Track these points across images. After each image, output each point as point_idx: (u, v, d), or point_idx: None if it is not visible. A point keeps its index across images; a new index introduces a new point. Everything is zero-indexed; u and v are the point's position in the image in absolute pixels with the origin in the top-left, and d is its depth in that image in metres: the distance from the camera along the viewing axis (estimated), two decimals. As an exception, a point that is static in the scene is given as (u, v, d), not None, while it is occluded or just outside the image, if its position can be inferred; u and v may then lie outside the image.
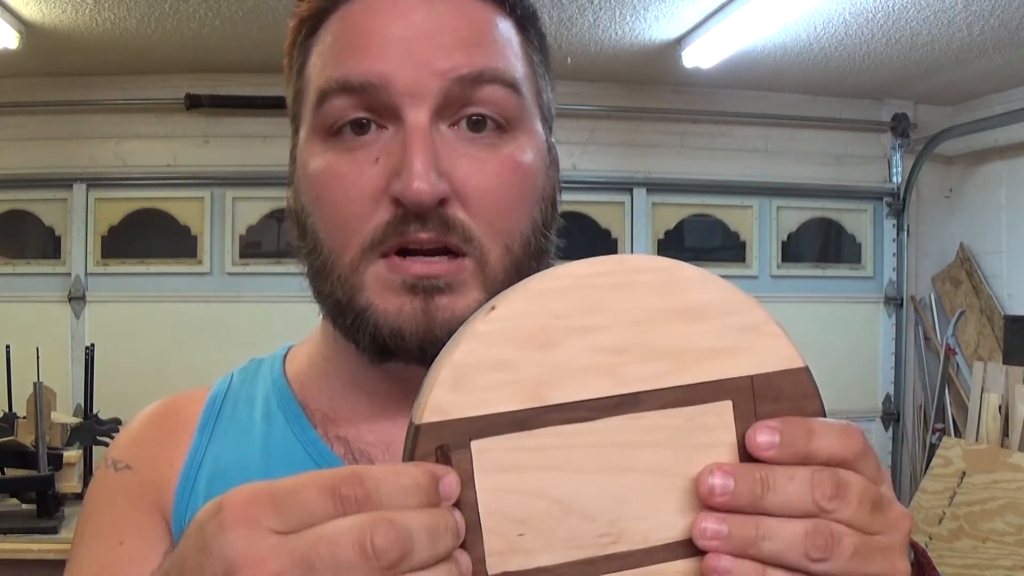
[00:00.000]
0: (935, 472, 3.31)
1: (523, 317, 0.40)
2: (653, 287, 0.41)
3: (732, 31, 3.01)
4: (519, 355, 0.40)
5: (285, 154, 0.66)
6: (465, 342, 0.40)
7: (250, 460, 0.64)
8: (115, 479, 0.67)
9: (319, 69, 0.59)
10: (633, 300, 0.41)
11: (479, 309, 0.42)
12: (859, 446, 0.41)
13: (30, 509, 2.56)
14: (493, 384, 0.40)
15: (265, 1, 2.88)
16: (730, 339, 0.42)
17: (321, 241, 0.59)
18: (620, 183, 3.83)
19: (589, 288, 0.41)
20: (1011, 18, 2.91)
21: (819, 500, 0.39)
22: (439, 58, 0.56)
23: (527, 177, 0.59)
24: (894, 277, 4.12)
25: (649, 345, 0.41)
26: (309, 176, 0.59)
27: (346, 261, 0.57)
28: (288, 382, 0.69)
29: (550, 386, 0.40)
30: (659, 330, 0.41)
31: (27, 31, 3.02)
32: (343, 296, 0.58)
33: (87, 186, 3.68)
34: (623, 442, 0.40)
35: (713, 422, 0.41)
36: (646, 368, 0.41)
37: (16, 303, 3.65)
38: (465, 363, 0.40)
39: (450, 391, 0.40)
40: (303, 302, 0.66)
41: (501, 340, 0.40)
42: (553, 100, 0.66)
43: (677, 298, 0.41)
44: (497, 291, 0.55)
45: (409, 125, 0.55)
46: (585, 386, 0.40)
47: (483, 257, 0.57)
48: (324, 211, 0.58)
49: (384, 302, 0.56)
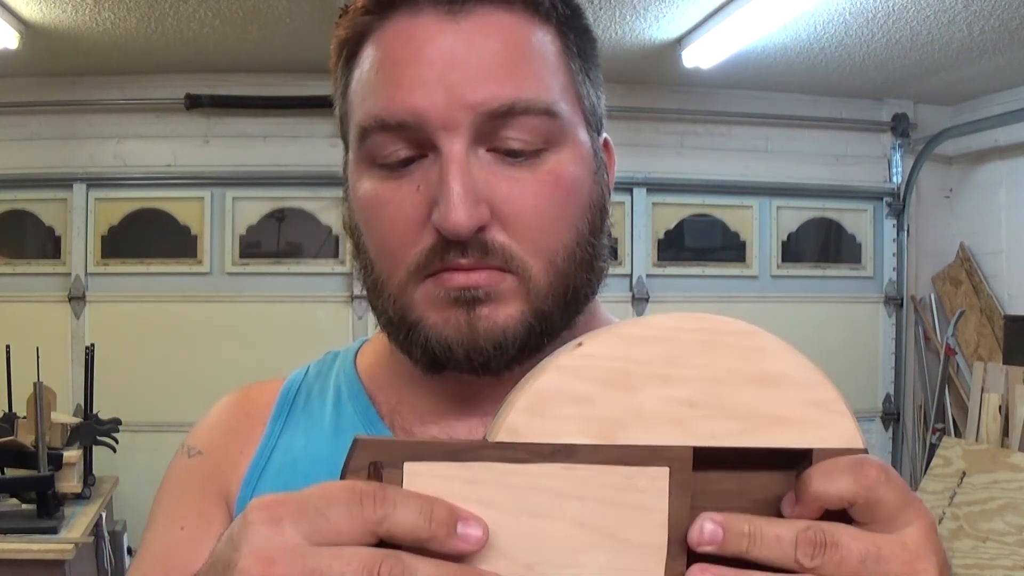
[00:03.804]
0: (935, 472, 3.31)
1: (608, 358, 0.42)
2: (735, 349, 0.42)
3: (732, 31, 3.01)
4: (599, 392, 0.41)
5: (285, 154, 0.67)
6: (549, 372, 0.41)
7: (320, 450, 0.67)
8: (187, 464, 0.70)
9: (359, 99, 0.60)
10: (714, 358, 0.42)
11: (567, 344, 0.43)
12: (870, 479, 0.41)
13: (30, 509, 2.56)
14: (570, 415, 0.41)
15: (265, 1, 2.88)
16: (800, 411, 0.42)
17: (372, 262, 0.61)
18: (620, 183, 3.79)
19: (674, 341, 0.42)
20: (1011, 18, 2.91)
21: (800, 558, 0.40)
22: (470, 90, 0.56)
23: (570, 191, 0.59)
24: (894, 277, 4.12)
25: (722, 404, 0.42)
26: (359, 199, 0.61)
27: (395, 282, 0.59)
28: (359, 375, 0.71)
29: (622, 426, 0.41)
30: (734, 391, 0.42)
31: (27, 31, 3.02)
32: (395, 315, 0.60)
33: (87, 186, 3.68)
34: (554, 489, 0.41)
35: (647, 486, 0.41)
36: (716, 425, 0.42)
37: (16, 303, 3.65)
38: (546, 391, 0.41)
39: (527, 415, 0.41)
40: (303, 302, 0.66)
41: (584, 375, 0.41)
42: (601, 98, 0.66)
43: (756, 363, 0.42)
44: (542, 304, 0.58)
45: (445, 155, 0.56)
46: (655, 432, 0.41)
47: (525, 274, 0.58)
48: (372, 235, 0.61)
49: (433, 315, 0.58)
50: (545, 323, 0.59)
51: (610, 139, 0.67)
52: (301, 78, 3.53)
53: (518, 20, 0.59)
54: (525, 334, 0.58)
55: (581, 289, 0.61)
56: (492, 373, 0.59)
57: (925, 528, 0.41)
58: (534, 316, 0.58)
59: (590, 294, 0.63)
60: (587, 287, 0.62)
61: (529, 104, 0.57)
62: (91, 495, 2.85)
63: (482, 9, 0.58)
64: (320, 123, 3.63)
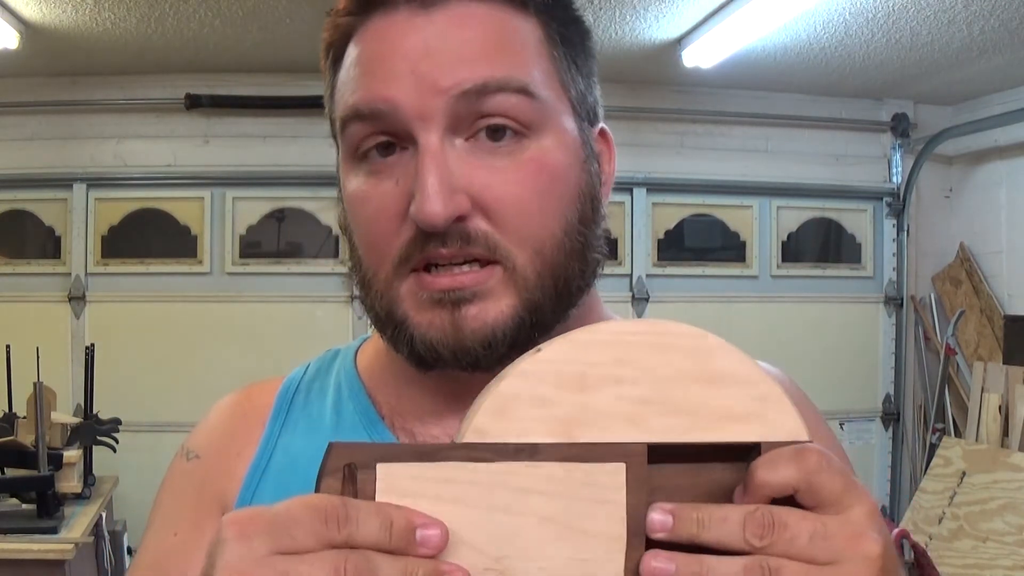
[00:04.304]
0: (935, 472, 3.31)
1: (565, 362, 0.45)
2: (682, 350, 0.45)
3: (732, 31, 3.01)
4: (557, 394, 0.44)
5: (285, 154, 0.68)
6: (511, 377, 0.45)
7: (320, 450, 0.66)
8: (185, 468, 0.70)
9: (341, 96, 0.61)
10: (663, 359, 0.45)
11: (528, 351, 0.46)
12: (811, 465, 0.43)
13: (30, 509, 2.56)
14: (532, 416, 0.44)
15: (265, 1, 2.88)
16: (747, 406, 0.45)
17: (361, 258, 0.62)
18: (620, 183, 3.79)
19: (625, 344, 0.45)
20: (1011, 18, 2.91)
21: (750, 539, 0.41)
22: (442, 76, 0.56)
23: (554, 178, 0.59)
24: (894, 277, 4.12)
25: (673, 401, 0.45)
26: (347, 197, 0.62)
27: (381, 278, 0.60)
28: (359, 374, 0.71)
29: (581, 425, 0.44)
30: (684, 389, 0.45)
31: (27, 31, 3.02)
32: (382, 310, 0.61)
33: (87, 186, 3.68)
34: (518, 486, 0.43)
35: (606, 481, 0.43)
36: (668, 421, 0.44)
37: (16, 303, 3.65)
38: (509, 395, 0.44)
39: (492, 418, 0.44)
40: (303, 302, 0.66)
41: (543, 379, 0.44)
42: (593, 87, 0.65)
43: (703, 363, 0.45)
44: (531, 295, 0.59)
45: (421, 147, 0.56)
46: (612, 430, 0.44)
47: (512, 263, 0.58)
48: (359, 231, 0.62)
49: (418, 316, 0.59)
50: (536, 315, 0.58)
51: (608, 130, 0.67)
52: (301, 78, 3.53)
53: (493, 10, 0.59)
54: (516, 329, 0.58)
55: (573, 280, 0.61)
56: (484, 370, 0.58)
57: (868, 508, 0.43)
58: (525, 309, 0.58)
59: (584, 285, 0.62)
60: (579, 278, 0.61)
61: (502, 82, 0.57)
62: (91, 495, 2.85)
63: (455, 2, 0.58)
64: (320, 123, 3.58)
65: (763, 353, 0.57)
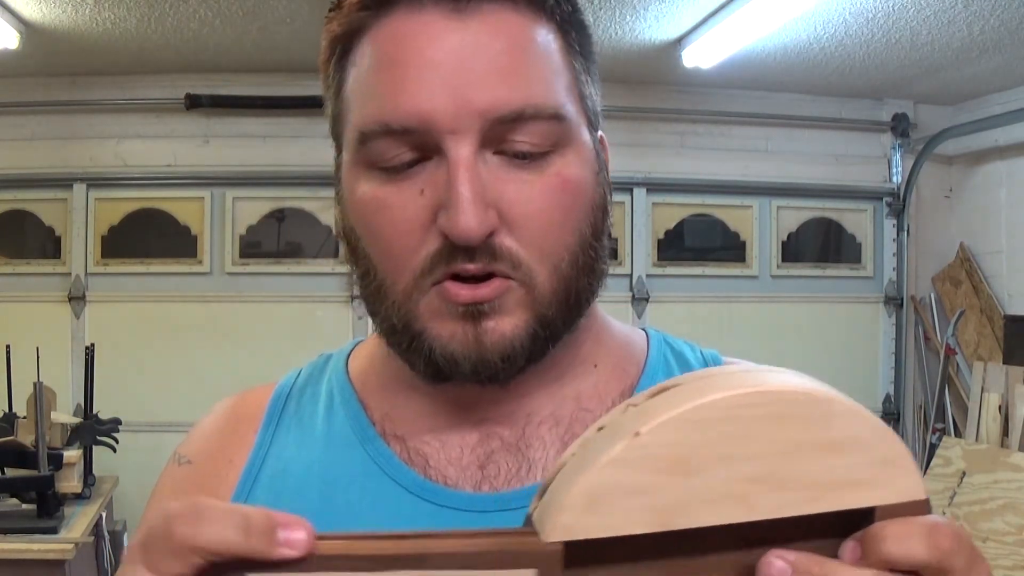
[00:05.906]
0: (935, 472, 3.31)
1: (667, 445, 0.39)
2: (800, 419, 0.41)
3: (732, 31, 3.01)
4: (657, 481, 0.39)
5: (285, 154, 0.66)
6: (603, 467, 0.39)
7: (312, 457, 0.65)
8: (176, 473, 0.69)
9: (359, 101, 0.58)
10: (780, 432, 0.40)
11: (623, 431, 0.41)
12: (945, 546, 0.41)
13: (30, 509, 2.56)
14: (627, 508, 0.39)
15: (265, 1, 2.88)
16: (867, 472, 0.41)
17: (374, 267, 0.59)
18: (620, 183, 3.82)
19: (737, 419, 0.40)
20: (1011, 18, 2.91)
21: None
22: (478, 92, 0.54)
23: (576, 193, 0.59)
24: (894, 277, 4.12)
25: (788, 476, 0.40)
26: (356, 201, 0.59)
27: (399, 289, 0.58)
28: (350, 380, 0.70)
29: (684, 511, 0.39)
30: (800, 462, 0.40)
31: (27, 31, 3.02)
32: (398, 322, 0.59)
33: (87, 186, 3.68)
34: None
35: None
36: (780, 496, 0.40)
37: (16, 303, 3.65)
38: (599, 487, 0.39)
39: (582, 513, 0.39)
40: (303, 302, 0.66)
41: (641, 467, 0.39)
42: (597, 94, 0.64)
43: (823, 431, 0.41)
44: (545, 310, 0.57)
45: (452, 159, 0.55)
46: (717, 514, 0.40)
47: (531, 281, 0.57)
48: (374, 239, 0.59)
49: (438, 328, 0.57)
50: (549, 329, 0.58)
51: (604, 135, 0.66)
52: (301, 78, 3.52)
53: (523, 18, 0.57)
54: (531, 343, 0.57)
55: (583, 293, 0.60)
56: (501, 383, 0.58)
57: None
58: (538, 324, 0.57)
59: (592, 297, 0.62)
60: (588, 291, 0.61)
61: (538, 110, 0.56)
62: (91, 495, 2.86)
63: (488, 6, 0.56)
64: (320, 123, 3.56)
65: (763, 353, 0.57)
